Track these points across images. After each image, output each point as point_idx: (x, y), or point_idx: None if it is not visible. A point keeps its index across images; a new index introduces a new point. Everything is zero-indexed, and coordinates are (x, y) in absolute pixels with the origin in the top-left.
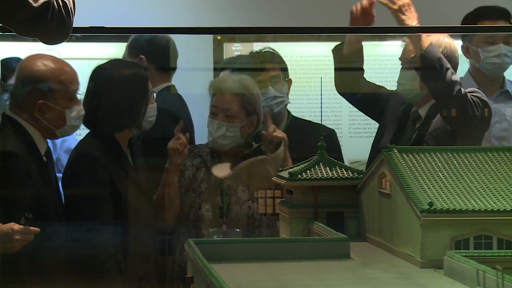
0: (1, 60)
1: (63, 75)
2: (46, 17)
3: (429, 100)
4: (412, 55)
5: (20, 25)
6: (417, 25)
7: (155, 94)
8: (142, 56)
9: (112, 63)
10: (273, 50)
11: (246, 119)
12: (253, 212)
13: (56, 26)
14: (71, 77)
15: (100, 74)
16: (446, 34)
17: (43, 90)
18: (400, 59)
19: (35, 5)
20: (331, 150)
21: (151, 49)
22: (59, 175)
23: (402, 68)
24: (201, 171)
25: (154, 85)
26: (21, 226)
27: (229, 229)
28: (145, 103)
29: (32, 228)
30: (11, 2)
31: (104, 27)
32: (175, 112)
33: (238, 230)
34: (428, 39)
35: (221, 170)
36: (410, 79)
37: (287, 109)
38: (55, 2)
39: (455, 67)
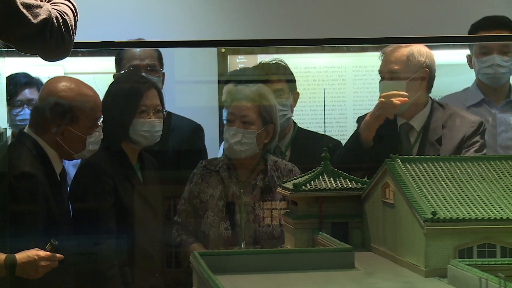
0: (7, 77)
1: (89, 103)
2: (45, 34)
3: (417, 111)
4: (396, 67)
5: (19, 41)
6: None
7: (165, 112)
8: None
9: (122, 76)
10: (282, 61)
11: (262, 127)
12: (272, 230)
13: (56, 43)
14: (96, 105)
15: (109, 87)
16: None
17: (68, 116)
18: (379, 71)
19: (34, 21)
20: (337, 161)
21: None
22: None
23: (383, 80)
24: (218, 189)
25: None
26: (47, 252)
27: (248, 248)
28: (132, 116)
29: (57, 255)
30: (11, 19)
31: (108, 41)
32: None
33: (259, 247)
34: (410, 49)
35: None
36: (396, 89)
37: (293, 121)
38: (54, 19)
39: (433, 77)
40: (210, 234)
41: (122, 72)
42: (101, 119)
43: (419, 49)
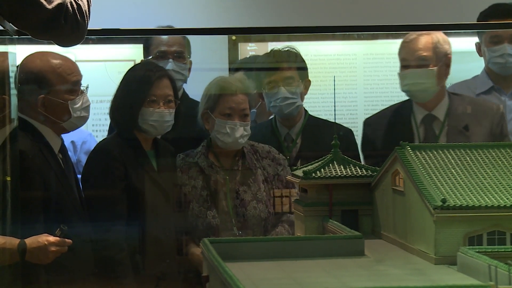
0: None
1: (60, 68)
2: (60, 19)
3: (439, 100)
4: (426, 53)
5: (34, 27)
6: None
7: (178, 102)
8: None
9: (138, 64)
10: (294, 49)
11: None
12: (259, 212)
13: (71, 28)
14: (69, 69)
15: (125, 74)
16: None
17: (43, 85)
18: (403, 59)
19: (49, 7)
20: (348, 149)
21: None
22: (80, 176)
23: (407, 68)
24: (199, 179)
25: None
26: (57, 238)
27: (240, 232)
28: (140, 105)
29: (67, 240)
30: (25, 5)
31: (119, 29)
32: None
33: (250, 231)
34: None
35: None
36: (427, 76)
37: (304, 108)
38: (69, 4)
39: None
40: (198, 224)
41: (150, 57)
42: (84, 84)
43: (443, 37)
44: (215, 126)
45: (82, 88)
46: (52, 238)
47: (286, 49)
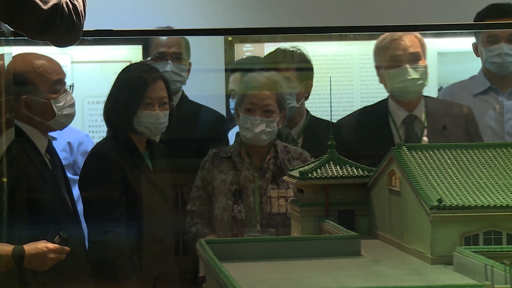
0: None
1: (41, 68)
2: (56, 20)
3: (419, 100)
4: (417, 50)
5: (30, 28)
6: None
7: (172, 103)
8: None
9: (132, 65)
10: (299, 49)
11: (279, 114)
12: (286, 210)
13: (66, 28)
14: (50, 68)
15: (118, 75)
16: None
17: (25, 85)
18: (394, 58)
19: (45, 8)
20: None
21: None
22: (76, 177)
23: (400, 67)
24: (230, 174)
25: None
26: (56, 245)
27: (263, 229)
28: (136, 108)
29: (65, 247)
30: (21, 6)
31: (115, 30)
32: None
33: (273, 230)
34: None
35: None
36: (423, 72)
37: (306, 109)
38: (65, 5)
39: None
40: (224, 217)
41: (149, 58)
42: (67, 83)
43: (420, 36)
44: (239, 121)
45: (66, 87)
46: (51, 245)
47: (292, 49)
